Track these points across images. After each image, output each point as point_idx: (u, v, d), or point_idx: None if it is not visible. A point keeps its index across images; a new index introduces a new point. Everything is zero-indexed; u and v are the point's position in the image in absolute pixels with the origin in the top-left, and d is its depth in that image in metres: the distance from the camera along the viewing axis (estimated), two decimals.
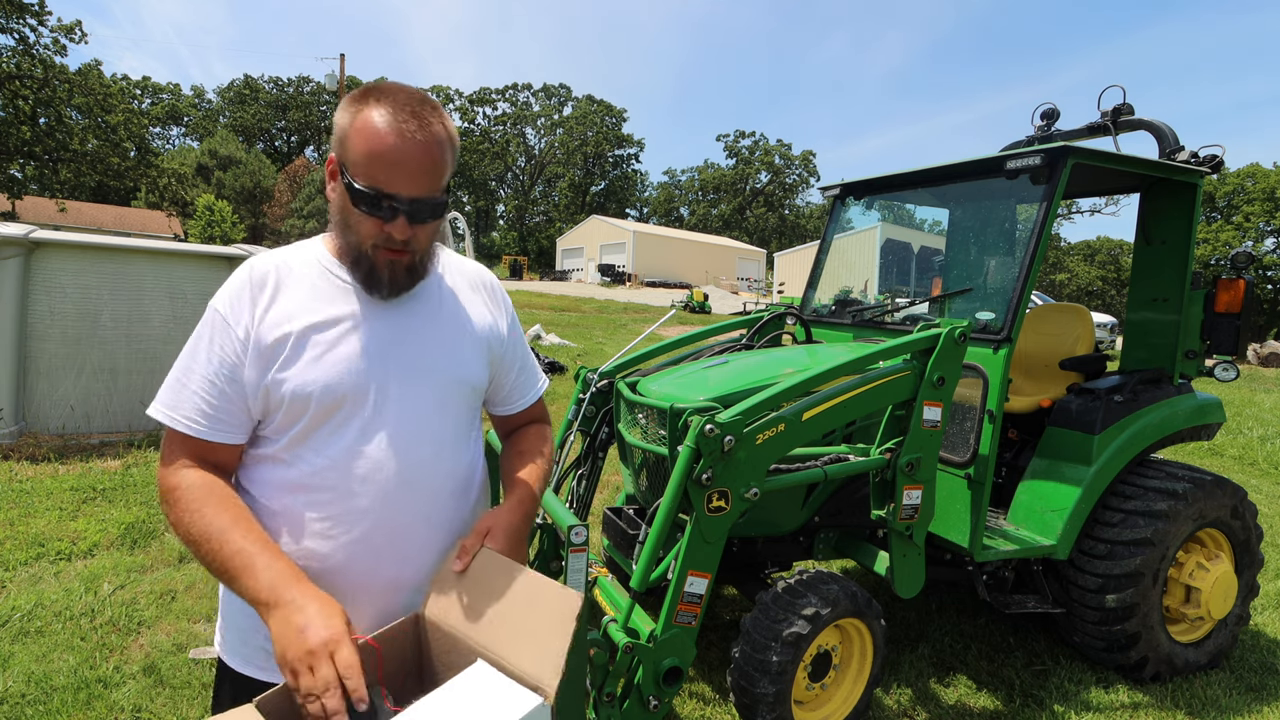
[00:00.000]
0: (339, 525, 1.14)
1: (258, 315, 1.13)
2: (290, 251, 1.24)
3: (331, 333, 1.15)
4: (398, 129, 1.06)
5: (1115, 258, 58.94)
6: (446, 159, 1.12)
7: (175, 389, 1.14)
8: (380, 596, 1.18)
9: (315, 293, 1.18)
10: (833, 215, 4.10)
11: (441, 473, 1.23)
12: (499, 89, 72.85)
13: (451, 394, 1.25)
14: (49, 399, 5.75)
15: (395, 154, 1.06)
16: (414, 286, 1.21)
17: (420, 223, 1.13)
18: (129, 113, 28.33)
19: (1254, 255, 3.57)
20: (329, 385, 1.13)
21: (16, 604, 3.23)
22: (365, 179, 1.07)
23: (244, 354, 1.12)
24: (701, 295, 29.46)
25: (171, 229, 36.81)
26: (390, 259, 1.14)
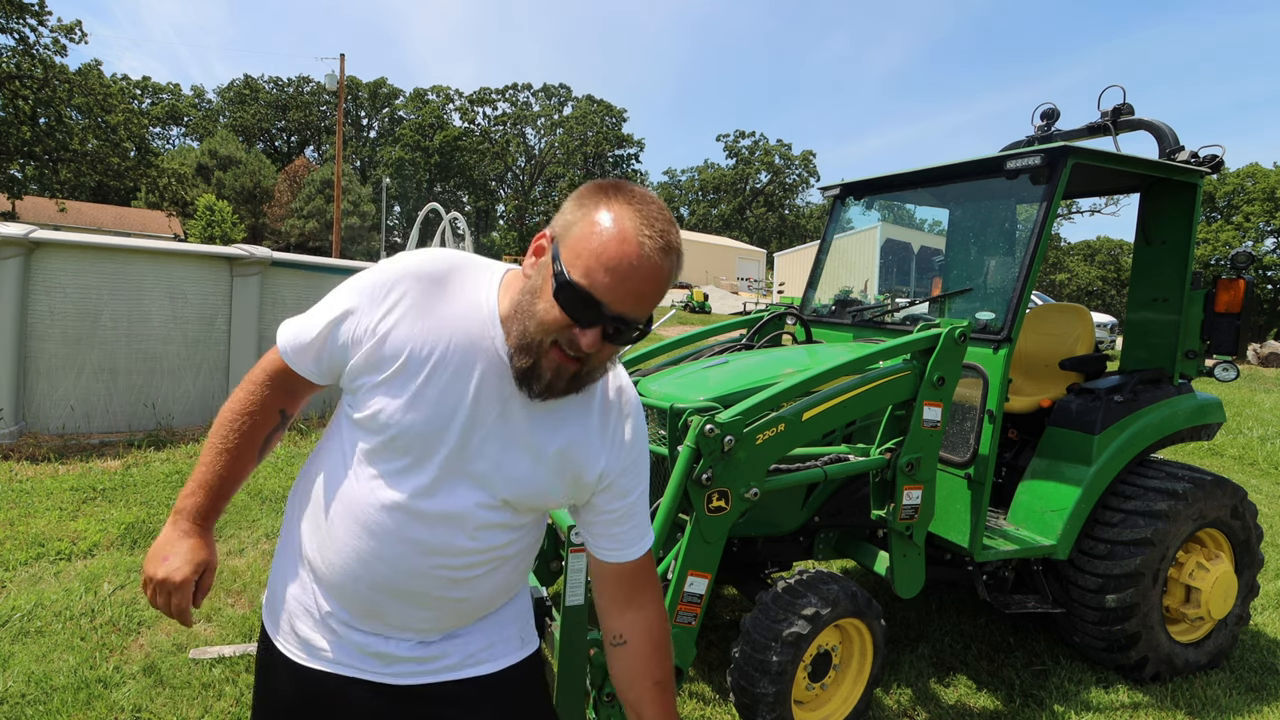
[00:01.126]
0: (356, 561, 1.12)
1: (395, 315, 1.08)
2: (470, 267, 1.14)
3: (441, 378, 1.07)
4: (639, 241, 0.96)
5: (1115, 258, 58.95)
6: (665, 286, 1.02)
7: (306, 320, 1.18)
8: (398, 620, 1.16)
9: (462, 335, 1.08)
10: (833, 215, 4.10)
11: (470, 556, 1.14)
12: (499, 89, 72.84)
13: (519, 503, 1.16)
14: (49, 399, 5.75)
15: (627, 265, 0.96)
16: (563, 397, 1.10)
17: (611, 342, 1.03)
18: (129, 113, 28.35)
19: (1254, 255, 3.57)
20: (403, 431, 1.07)
21: (16, 604, 3.23)
22: (584, 276, 0.97)
23: (358, 342, 1.09)
24: (701, 295, 29.48)
25: (171, 229, 36.82)
26: (560, 363, 1.04)
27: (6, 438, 5.46)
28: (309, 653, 1.19)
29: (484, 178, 71.83)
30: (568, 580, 1.96)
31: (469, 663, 1.23)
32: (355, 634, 1.17)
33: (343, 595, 1.15)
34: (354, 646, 1.17)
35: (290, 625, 1.20)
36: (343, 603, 1.16)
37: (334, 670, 1.18)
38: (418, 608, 1.16)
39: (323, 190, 45.57)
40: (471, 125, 71.91)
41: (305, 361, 1.17)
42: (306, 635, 1.19)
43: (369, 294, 1.10)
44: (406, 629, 1.18)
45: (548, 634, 2.14)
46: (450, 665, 1.22)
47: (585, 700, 2.07)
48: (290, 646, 1.20)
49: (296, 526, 1.22)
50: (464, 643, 1.23)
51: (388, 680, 1.19)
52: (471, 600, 1.20)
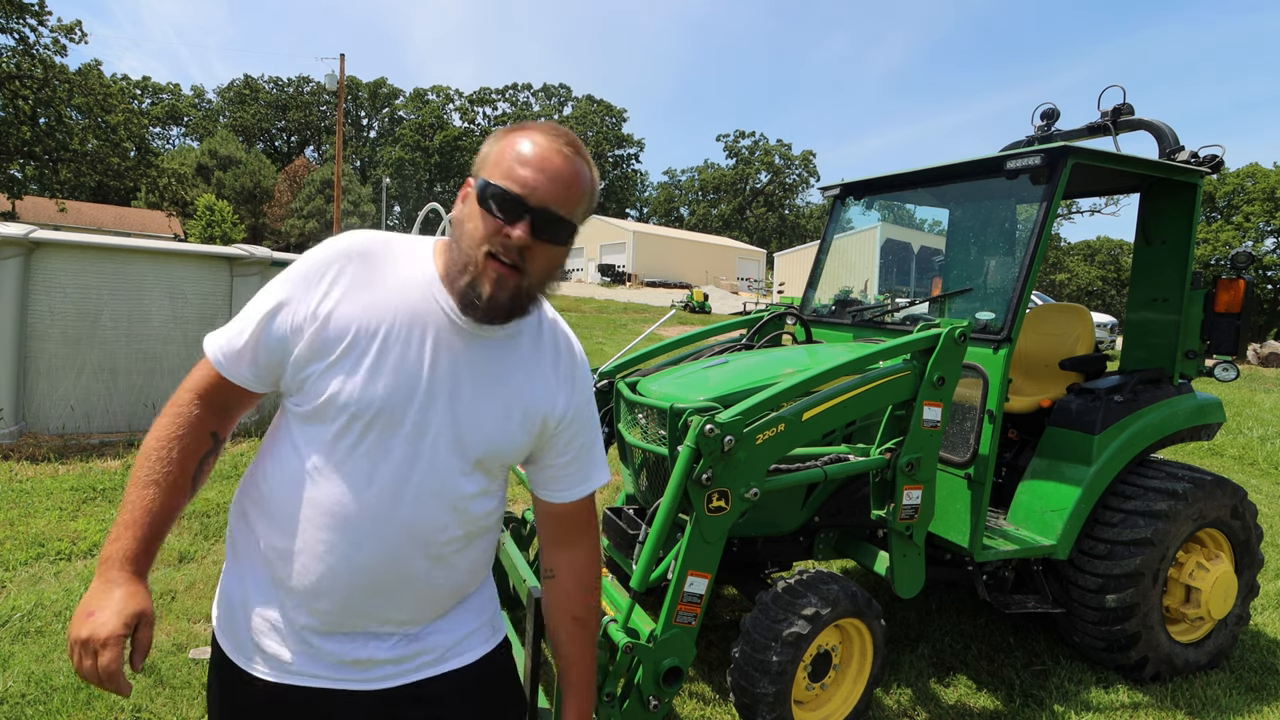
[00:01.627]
0: (336, 553, 1.09)
1: (333, 299, 1.09)
2: (398, 242, 1.18)
3: (395, 351, 1.09)
4: (548, 141, 1.08)
5: (1115, 258, 58.95)
6: (584, 186, 1.11)
7: (231, 327, 1.14)
8: (362, 622, 1.15)
9: (400, 299, 1.11)
10: (833, 215, 4.10)
11: (454, 528, 1.16)
12: (499, 89, 72.89)
13: (490, 457, 1.18)
14: (49, 399, 5.75)
15: (539, 158, 1.06)
16: (511, 318, 1.13)
17: (541, 238, 1.07)
18: (129, 113, 28.37)
19: (1254, 255, 3.57)
20: (366, 406, 1.07)
21: (16, 604, 3.23)
22: (503, 177, 1.06)
23: (299, 331, 1.08)
24: (701, 295, 29.49)
25: (171, 229, 36.82)
26: (499, 273, 1.07)
27: (6, 438, 5.46)
28: (278, 669, 1.14)
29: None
30: None
31: (446, 657, 1.23)
32: (332, 643, 1.14)
33: (322, 601, 1.11)
34: (330, 658, 1.14)
35: (255, 642, 1.15)
36: (321, 610, 1.12)
37: (307, 684, 1.14)
38: (401, 597, 1.14)
39: (323, 190, 45.56)
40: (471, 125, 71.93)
41: (240, 368, 1.13)
42: (275, 651, 1.14)
43: (302, 281, 1.10)
44: (388, 623, 1.16)
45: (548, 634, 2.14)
46: (428, 662, 1.21)
47: None
48: (257, 664, 1.15)
49: (253, 541, 1.16)
50: (441, 637, 1.22)
51: (364, 687, 1.16)
52: (452, 580, 1.20)
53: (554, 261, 1.13)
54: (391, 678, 1.18)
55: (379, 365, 1.08)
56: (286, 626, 1.14)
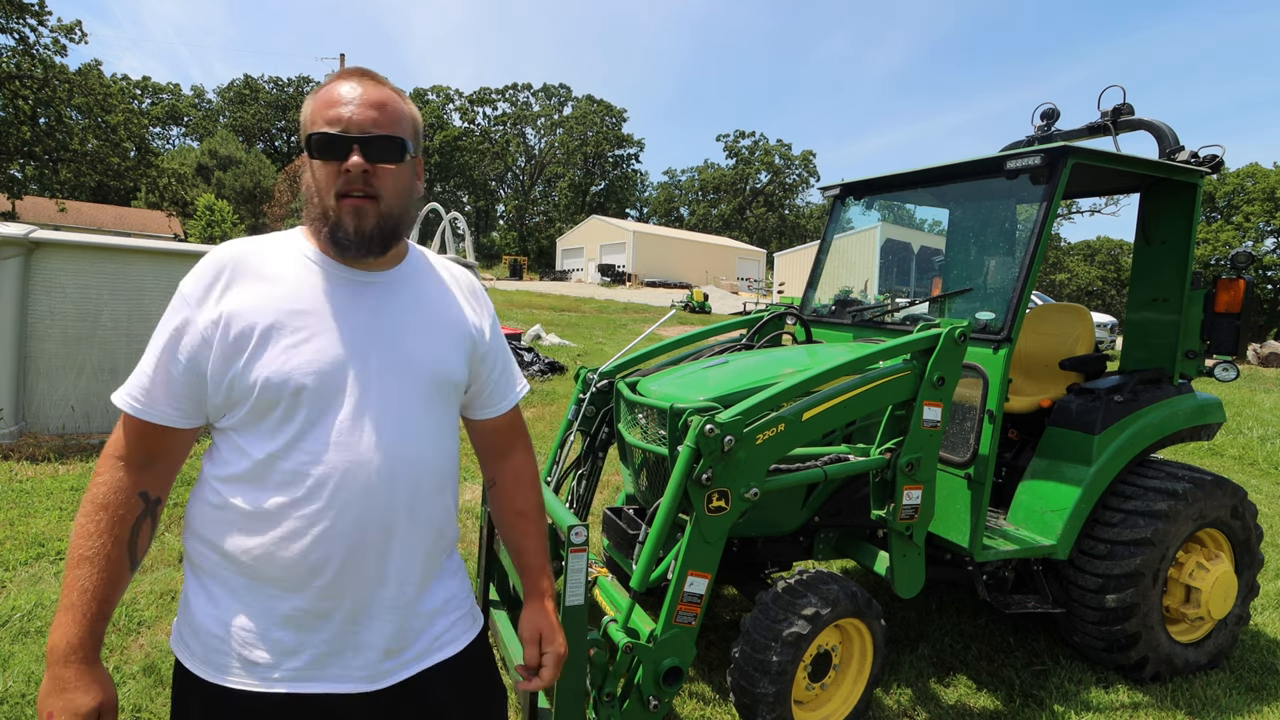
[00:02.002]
0: (321, 521, 1.09)
1: (227, 303, 1.10)
2: (265, 238, 1.21)
3: (307, 321, 1.12)
4: (345, 80, 1.15)
5: (1115, 258, 58.95)
6: (396, 105, 1.16)
7: (136, 372, 1.14)
8: (363, 591, 1.15)
9: (289, 281, 1.15)
10: (833, 215, 4.10)
11: (423, 467, 1.19)
12: (499, 89, 72.85)
13: (434, 390, 1.22)
14: (49, 399, 5.75)
15: (338, 95, 1.13)
16: (387, 246, 1.18)
17: (379, 160, 1.12)
18: (129, 113, 28.35)
19: (1254, 255, 3.57)
20: (302, 377, 1.09)
21: (16, 604, 3.23)
22: (317, 124, 1.12)
23: (207, 344, 1.09)
24: (701, 295, 29.48)
25: (171, 229, 36.81)
26: (355, 206, 1.12)
27: (6, 438, 5.46)
28: (264, 678, 1.11)
29: (484, 178, 71.80)
30: (568, 580, 1.96)
31: (435, 647, 1.26)
32: (325, 630, 1.13)
33: (317, 578, 1.10)
34: (324, 652, 1.13)
35: (240, 655, 1.11)
36: (318, 587, 1.11)
37: (301, 690, 1.12)
38: (388, 556, 1.16)
39: None
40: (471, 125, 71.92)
41: (158, 405, 1.11)
42: (261, 658, 1.11)
43: (192, 298, 1.12)
44: (383, 587, 1.16)
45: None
46: (419, 653, 1.23)
47: (585, 700, 2.07)
48: (246, 678, 1.11)
49: (222, 557, 1.13)
50: (427, 620, 1.25)
51: (359, 688, 1.16)
52: (429, 533, 1.23)
53: (401, 180, 1.17)
54: (385, 675, 1.18)
55: (297, 340, 1.11)
56: (276, 624, 1.12)
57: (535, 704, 2.17)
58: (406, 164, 1.17)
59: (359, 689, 1.16)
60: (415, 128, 1.20)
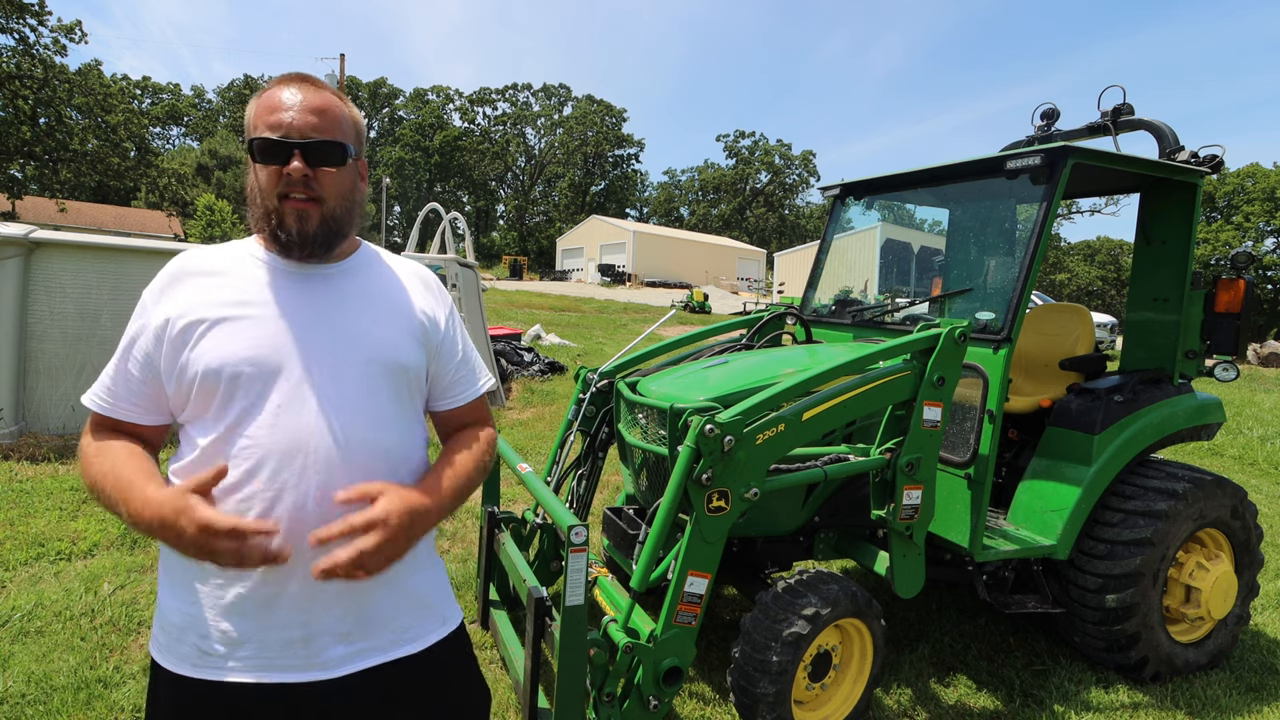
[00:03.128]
0: (259, 504, 1.11)
1: (175, 303, 1.17)
2: (218, 245, 1.28)
3: (247, 311, 1.16)
4: (286, 85, 1.18)
5: (1115, 258, 58.94)
6: (339, 112, 1.19)
7: (102, 374, 1.21)
8: (306, 574, 1.11)
9: (236, 277, 1.20)
10: (833, 215, 4.10)
11: (372, 450, 1.18)
12: (499, 89, 72.87)
13: (380, 372, 1.22)
14: (49, 399, 5.75)
15: (279, 101, 1.15)
16: (332, 248, 1.22)
17: (319, 165, 1.15)
18: (129, 113, 28.36)
19: (1254, 255, 3.57)
20: (239, 362, 1.12)
21: (16, 604, 3.23)
22: (259, 130, 1.14)
23: (159, 342, 1.15)
24: (701, 295, 29.48)
25: (171, 229, 36.80)
26: (298, 209, 1.16)
27: (6, 438, 5.46)
28: (218, 669, 1.13)
29: (484, 178, 71.82)
30: (568, 580, 1.96)
31: (400, 641, 1.24)
32: (277, 616, 1.13)
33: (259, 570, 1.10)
34: (276, 638, 1.14)
35: (196, 646, 1.14)
36: (252, 580, 1.12)
37: (254, 679, 1.13)
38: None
39: None
40: (471, 125, 71.93)
41: (122, 402, 1.19)
42: (216, 648, 1.14)
43: (148, 305, 1.20)
44: (322, 585, 1.12)
45: (548, 634, 2.14)
46: (377, 645, 1.21)
47: (585, 700, 2.07)
48: (201, 667, 1.14)
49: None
50: (387, 612, 1.23)
51: (312, 676, 1.16)
52: None
53: (344, 183, 1.20)
54: (340, 664, 1.17)
55: (236, 327, 1.15)
56: (223, 613, 1.13)
57: (535, 704, 2.17)
58: (348, 167, 1.20)
59: (314, 678, 1.16)
60: (357, 131, 1.23)
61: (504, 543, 2.81)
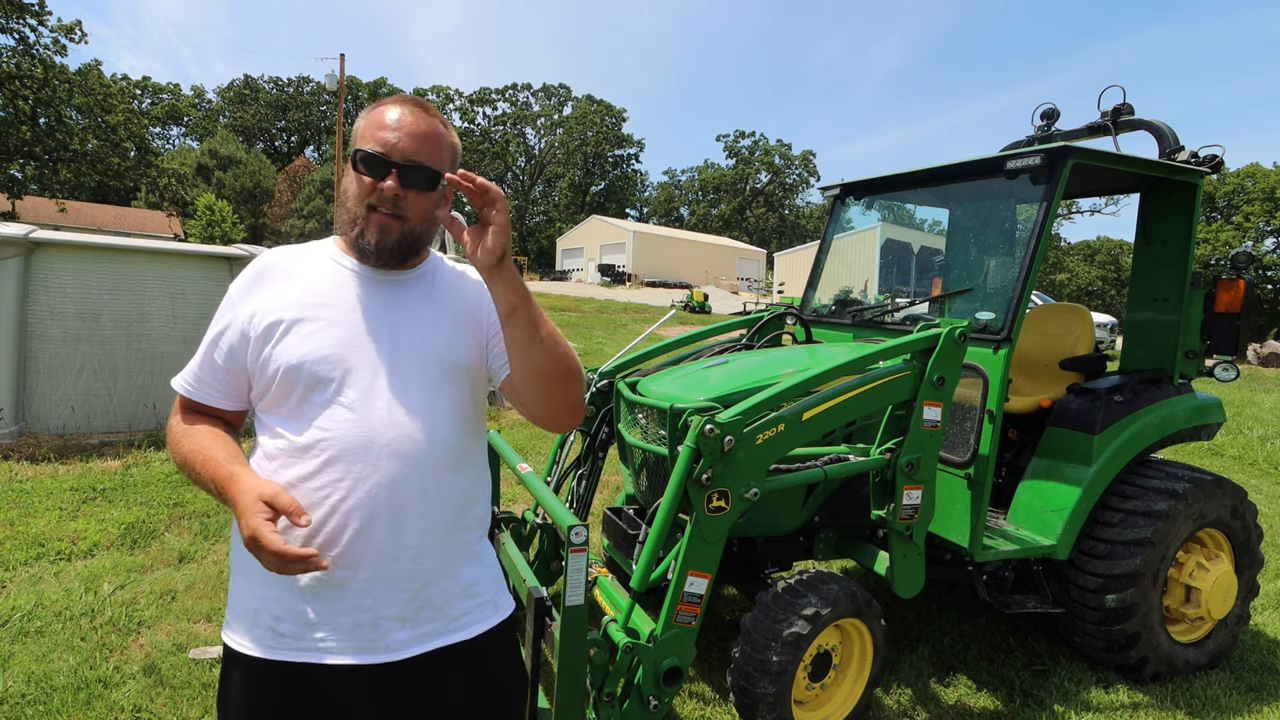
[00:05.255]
0: (336, 492, 1.19)
1: (260, 301, 1.25)
2: (301, 246, 1.36)
3: (325, 312, 1.25)
4: (399, 106, 1.25)
5: (1115, 258, 58.93)
6: (441, 140, 1.26)
7: (190, 361, 1.31)
8: (377, 562, 1.21)
9: (316, 279, 1.28)
10: (833, 215, 4.10)
11: (435, 446, 1.26)
12: (499, 89, 72.87)
13: (444, 373, 1.30)
14: (49, 399, 5.75)
15: (392, 121, 1.23)
16: (406, 261, 1.31)
17: (411, 187, 1.22)
18: (129, 113, 28.39)
19: (1254, 255, 3.57)
20: (317, 361, 1.21)
21: (16, 604, 3.23)
22: (366, 143, 1.22)
23: (245, 336, 1.24)
24: (701, 295, 29.48)
25: (171, 229, 36.82)
26: (381, 222, 1.24)
27: (6, 438, 5.46)
28: (287, 645, 1.21)
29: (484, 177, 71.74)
30: (568, 580, 1.96)
31: (452, 628, 1.30)
32: (344, 600, 1.20)
33: (332, 548, 1.18)
34: (343, 621, 1.20)
35: (267, 626, 1.22)
36: (332, 558, 1.18)
37: (317, 660, 1.20)
38: (404, 524, 1.22)
39: (323, 190, 45.54)
40: (471, 125, 71.92)
41: (207, 388, 1.29)
42: (286, 628, 1.21)
43: (235, 301, 1.28)
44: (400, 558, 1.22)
45: (548, 634, 2.14)
46: (435, 630, 1.28)
47: (585, 700, 2.07)
48: (269, 645, 1.21)
49: None
50: (446, 597, 1.29)
51: (373, 659, 1.22)
52: (446, 504, 1.28)
53: (428, 206, 1.27)
54: (400, 647, 1.24)
55: (316, 326, 1.23)
56: (298, 594, 1.20)
57: (535, 704, 2.17)
58: (438, 193, 1.28)
59: (379, 659, 1.23)
60: (454, 157, 1.31)
61: (504, 543, 2.81)
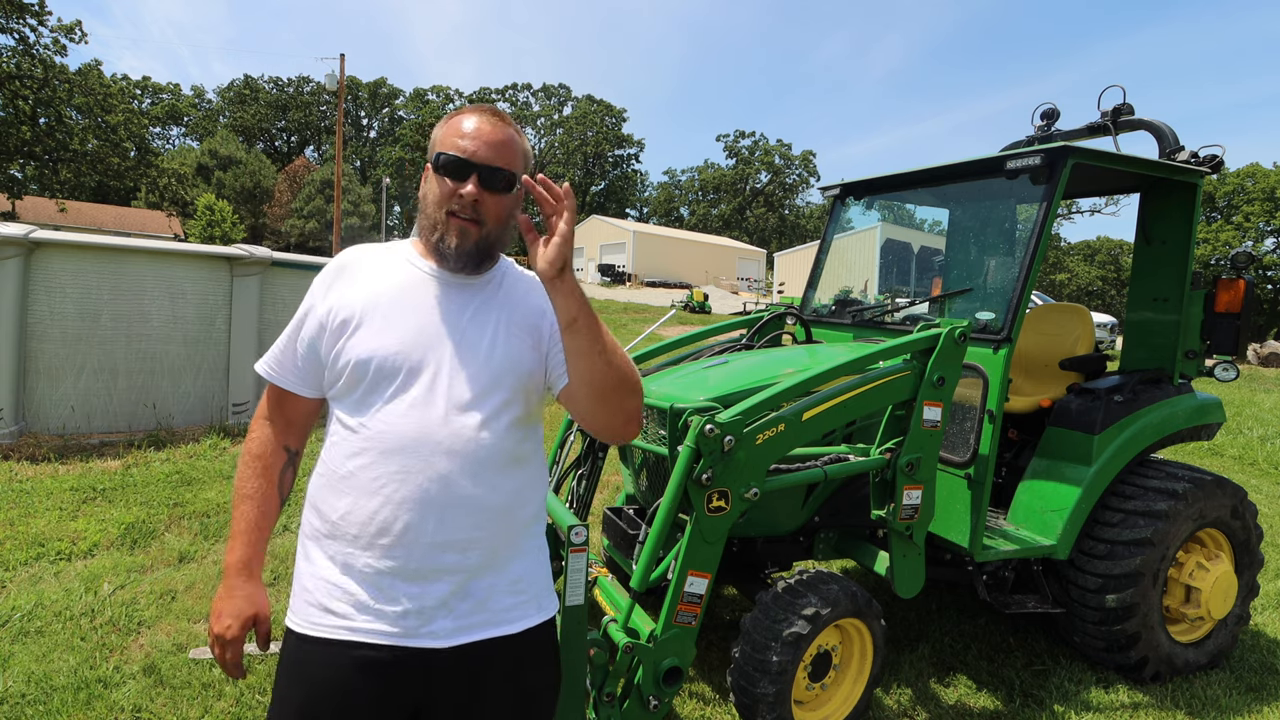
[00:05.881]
0: (390, 484, 1.24)
1: (339, 295, 1.32)
2: (381, 245, 1.43)
3: (397, 311, 1.30)
4: (476, 111, 1.33)
5: (1115, 258, 58.92)
6: (516, 145, 1.32)
7: (273, 346, 1.40)
8: (425, 553, 1.26)
9: (392, 279, 1.34)
10: (833, 215, 4.10)
11: (488, 447, 1.29)
12: (499, 89, 72.88)
13: (504, 378, 1.33)
14: (49, 399, 5.75)
15: (473, 126, 1.29)
16: (481, 265, 1.35)
17: (490, 189, 1.28)
18: (129, 113, 28.39)
19: (1254, 255, 3.57)
20: (384, 357, 1.27)
21: (16, 604, 3.23)
22: (446, 147, 1.28)
23: (322, 328, 1.31)
24: (701, 295, 29.46)
25: (171, 229, 36.81)
26: (461, 226, 1.29)
27: (6, 438, 5.46)
28: (340, 624, 1.26)
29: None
30: (568, 580, 1.96)
31: (495, 621, 1.33)
32: (397, 586, 1.25)
33: (384, 536, 1.24)
34: (394, 604, 1.25)
35: (321, 604, 1.28)
36: (385, 545, 1.24)
37: (367, 639, 1.25)
38: (454, 518, 1.26)
39: (323, 190, 45.55)
40: None
41: (287, 374, 1.37)
42: (340, 607, 1.26)
43: (320, 290, 1.36)
44: (449, 551, 1.26)
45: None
46: (481, 622, 1.31)
47: (585, 700, 2.07)
48: (321, 624, 1.27)
49: (317, 521, 1.31)
50: (493, 590, 1.32)
51: (420, 644, 1.26)
52: (497, 500, 1.31)
53: (505, 208, 1.32)
54: (447, 635, 1.27)
55: (386, 324, 1.29)
56: (351, 578, 1.26)
57: None
58: (514, 196, 1.33)
59: (424, 644, 1.26)
60: (526, 163, 1.36)
61: None
